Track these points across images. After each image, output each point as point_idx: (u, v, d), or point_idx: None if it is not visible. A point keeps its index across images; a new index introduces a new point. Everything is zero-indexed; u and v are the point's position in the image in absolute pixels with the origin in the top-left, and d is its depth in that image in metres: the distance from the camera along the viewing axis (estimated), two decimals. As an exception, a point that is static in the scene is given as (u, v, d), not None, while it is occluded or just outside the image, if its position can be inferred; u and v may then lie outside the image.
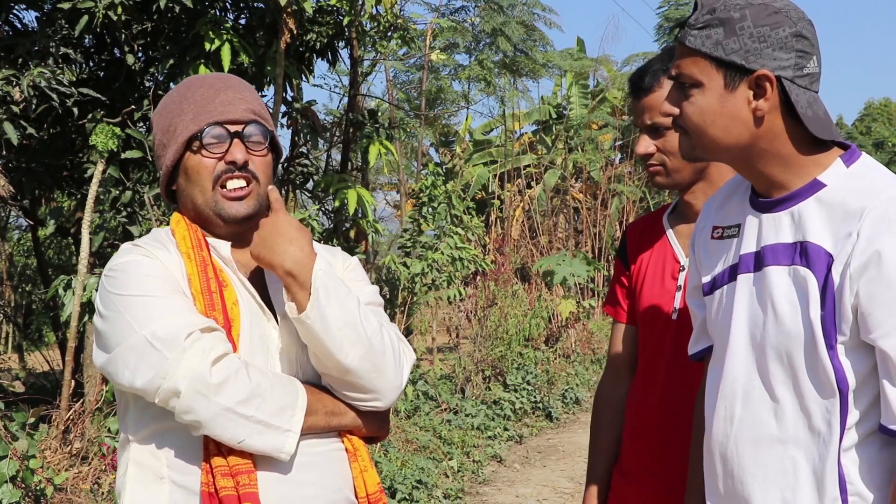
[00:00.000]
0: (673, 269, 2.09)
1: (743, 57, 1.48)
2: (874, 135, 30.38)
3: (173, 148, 1.73)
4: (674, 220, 2.14)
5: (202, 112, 1.71)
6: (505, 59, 16.38)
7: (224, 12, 6.34)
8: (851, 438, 1.49)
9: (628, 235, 2.23)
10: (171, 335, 1.56)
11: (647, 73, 2.02)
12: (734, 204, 1.69)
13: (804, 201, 1.54)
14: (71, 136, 6.28)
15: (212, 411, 1.54)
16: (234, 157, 1.70)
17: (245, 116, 1.73)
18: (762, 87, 1.49)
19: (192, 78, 1.81)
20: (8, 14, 5.59)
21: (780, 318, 1.52)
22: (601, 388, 2.25)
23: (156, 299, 1.61)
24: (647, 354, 2.12)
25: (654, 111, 2.00)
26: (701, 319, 1.78)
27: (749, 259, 1.60)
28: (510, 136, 17.97)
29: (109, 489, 4.59)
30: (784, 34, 1.49)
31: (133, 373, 1.58)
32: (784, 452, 1.53)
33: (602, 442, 2.21)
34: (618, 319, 2.22)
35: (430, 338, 10.11)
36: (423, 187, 9.41)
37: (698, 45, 1.51)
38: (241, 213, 1.72)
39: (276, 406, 1.59)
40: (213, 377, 1.55)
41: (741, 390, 1.59)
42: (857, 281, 1.44)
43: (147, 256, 1.69)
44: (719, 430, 1.63)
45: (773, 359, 1.54)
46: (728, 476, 1.61)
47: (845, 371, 1.47)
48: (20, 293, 11.85)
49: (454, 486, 6.08)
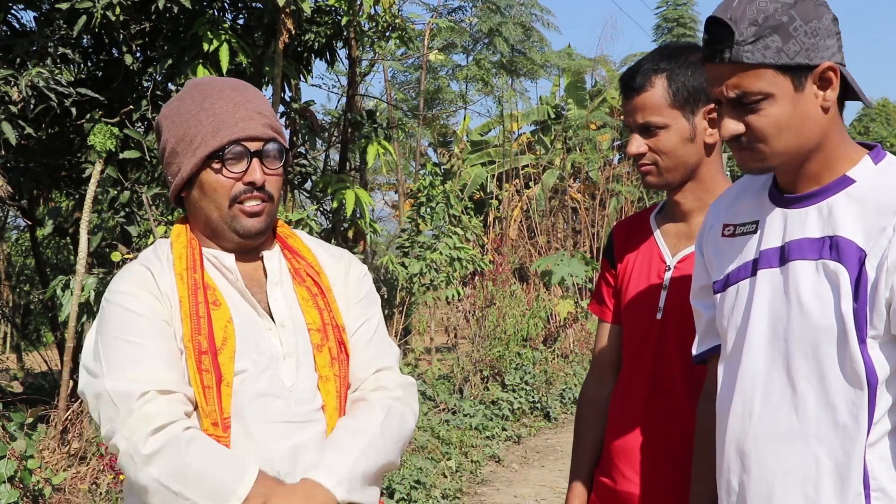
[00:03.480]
0: (659, 268, 2.08)
1: (806, 56, 1.48)
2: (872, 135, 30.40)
3: (191, 161, 1.71)
4: (661, 220, 2.14)
5: (222, 127, 1.70)
6: (503, 60, 16.39)
7: (222, 12, 6.34)
8: (878, 433, 1.49)
9: (615, 235, 2.23)
10: (126, 391, 1.59)
11: (638, 73, 2.00)
12: (748, 202, 1.69)
13: (833, 196, 1.54)
14: (69, 137, 6.27)
15: (141, 480, 1.56)
16: (254, 177, 1.71)
17: (265, 133, 1.72)
18: (826, 78, 1.50)
19: (205, 85, 1.78)
20: (6, 14, 5.58)
21: (807, 312, 1.52)
22: (585, 388, 2.25)
23: (129, 345, 1.64)
24: (631, 354, 2.12)
25: (646, 111, 1.99)
26: (706, 320, 1.77)
27: (772, 254, 1.59)
28: (508, 137, 17.97)
29: (108, 489, 4.59)
30: (828, 22, 1.51)
31: (98, 419, 1.64)
32: (806, 448, 1.52)
33: (586, 441, 2.21)
34: (603, 318, 2.22)
35: (428, 338, 10.11)
36: (421, 187, 9.41)
37: (759, 58, 1.48)
38: (256, 228, 1.74)
39: (213, 487, 1.54)
40: (147, 447, 1.55)
41: (760, 385, 1.58)
42: (893, 275, 1.45)
43: (142, 288, 1.70)
44: (736, 426, 1.61)
45: (796, 353, 1.53)
46: (745, 472, 1.60)
47: (875, 365, 1.47)
48: (18, 293, 11.85)
49: (452, 486, 6.09)
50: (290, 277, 1.80)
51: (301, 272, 1.82)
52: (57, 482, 4.41)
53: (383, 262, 9.01)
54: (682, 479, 1.91)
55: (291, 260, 1.83)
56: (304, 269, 1.82)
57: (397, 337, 8.64)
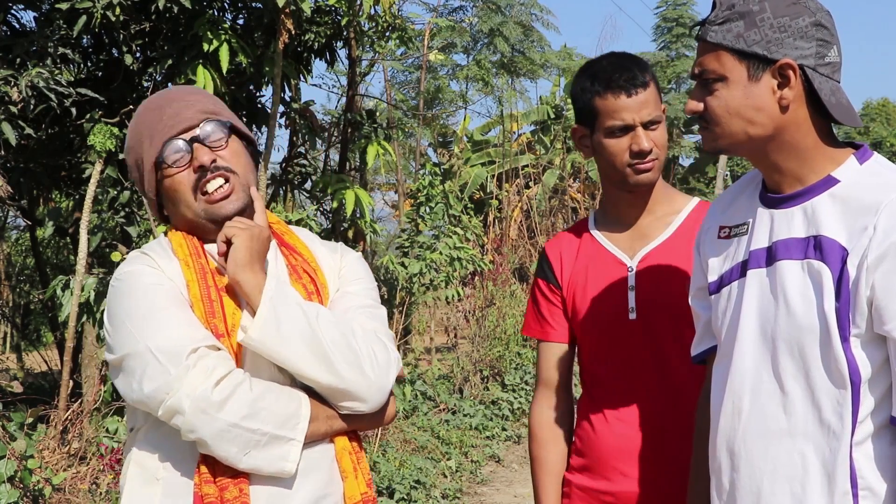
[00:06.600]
0: (619, 272, 2.12)
1: (765, 47, 1.51)
2: (872, 135, 30.40)
3: (147, 179, 1.75)
4: (604, 229, 2.19)
5: (155, 134, 1.72)
6: (503, 60, 16.40)
7: (222, 12, 6.34)
8: (863, 432, 1.49)
9: (549, 255, 2.24)
10: (175, 349, 1.58)
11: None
12: (741, 204, 1.71)
13: (817, 196, 1.55)
14: (69, 137, 6.27)
15: (216, 428, 1.55)
16: (201, 160, 1.70)
17: (195, 119, 1.73)
18: (786, 75, 1.52)
19: (141, 106, 1.82)
20: (6, 14, 5.58)
21: (793, 311, 1.53)
22: (538, 411, 2.24)
23: (159, 310, 1.62)
24: (606, 358, 2.13)
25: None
26: (704, 321, 1.78)
27: (760, 255, 1.61)
28: (508, 137, 17.97)
29: (108, 489, 4.59)
30: (804, 23, 1.51)
31: (139, 383, 1.59)
32: (793, 446, 1.53)
33: (549, 464, 2.20)
34: (546, 339, 2.22)
35: (428, 338, 10.11)
36: (421, 187, 9.41)
37: (719, 39, 1.53)
38: (231, 210, 1.71)
39: (281, 416, 1.61)
40: (216, 395, 1.55)
41: (749, 384, 1.59)
42: (873, 273, 1.45)
43: (152, 266, 1.70)
44: (726, 425, 1.63)
45: (783, 352, 1.54)
46: (735, 471, 1.61)
47: (858, 363, 1.48)
48: (18, 293, 11.85)
49: (452, 486, 6.09)
50: (288, 274, 1.79)
51: (298, 269, 1.81)
52: (57, 482, 4.41)
53: (383, 262, 9.01)
54: (680, 474, 1.94)
55: (288, 256, 1.83)
56: (301, 266, 1.82)
57: (397, 337, 8.63)
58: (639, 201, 2.14)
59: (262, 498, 1.62)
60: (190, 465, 1.62)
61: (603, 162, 2.10)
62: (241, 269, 1.65)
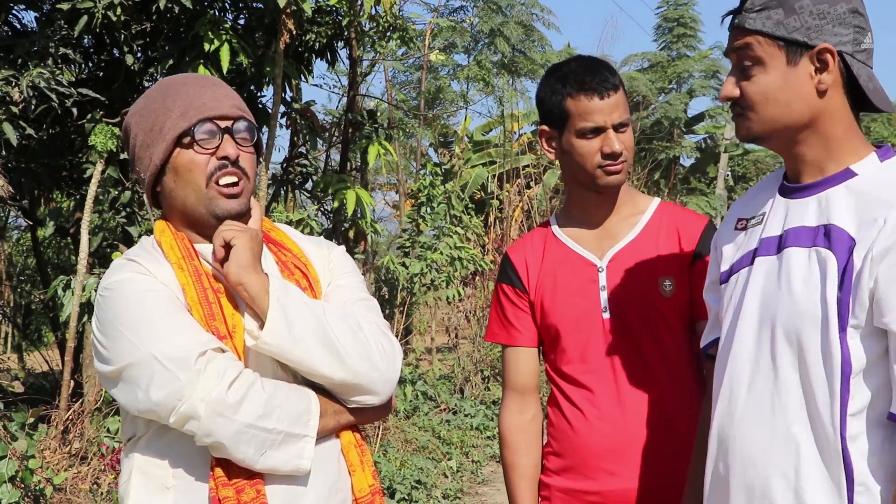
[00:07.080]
0: (589, 273, 2.13)
1: (804, 34, 1.52)
2: (874, 135, 30.41)
3: (161, 146, 1.68)
4: (569, 231, 2.20)
5: (191, 108, 1.68)
6: (503, 60, 16.39)
7: (223, 13, 6.34)
8: (857, 427, 1.49)
9: (512, 259, 2.24)
10: (181, 354, 1.55)
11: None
12: (762, 197, 1.72)
13: (834, 188, 1.56)
14: (70, 137, 6.28)
15: (233, 430, 1.54)
16: (227, 152, 1.68)
17: (234, 112, 1.72)
18: (824, 61, 1.53)
19: (169, 79, 1.78)
20: (7, 14, 5.59)
21: (795, 298, 1.53)
22: (508, 416, 2.24)
23: (158, 317, 1.59)
24: (582, 358, 2.13)
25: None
26: (714, 313, 1.80)
27: (770, 242, 1.62)
28: (509, 137, 17.97)
29: (108, 489, 4.59)
30: (842, 10, 1.53)
31: (146, 392, 1.55)
32: (787, 431, 1.53)
33: (523, 468, 2.20)
34: (512, 344, 2.23)
35: (428, 338, 10.12)
36: (422, 187, 9.41)
37: (759, 25, 1.55)
38: (235, 210, 1.70)
39: (294, 413, 1.60)
40: (231, 397, 1.54)
41: (748, 370, 1.60)
42: (877, 265, 1.45)
43: (142, 273, 1.67)
44: (723, 409, 1.63)
45: (782, 339, 1.55)
46: (731, 455, 1.61)
47: (851, 355, 1.48)
48: (19, 293, 11.85)
49: (453, 486, 6.09)
50: (279, 271, 1.77)
51: (289, 265, 1.79)
52: (58, 482, 4.41)
53: (384, 262, 9.01)
54: (666, 470, 1.98)
55: (277, 253, 1.81)
56: (291, 262, 1.80)
57: (398, 337, 8.64)
58: (606, 202, 2.15)
59: (278, 497, 1.61)
60: (202, 470, 1.60)
61: (572, 163, 2.11)
62: (245, 271, 1.63)
